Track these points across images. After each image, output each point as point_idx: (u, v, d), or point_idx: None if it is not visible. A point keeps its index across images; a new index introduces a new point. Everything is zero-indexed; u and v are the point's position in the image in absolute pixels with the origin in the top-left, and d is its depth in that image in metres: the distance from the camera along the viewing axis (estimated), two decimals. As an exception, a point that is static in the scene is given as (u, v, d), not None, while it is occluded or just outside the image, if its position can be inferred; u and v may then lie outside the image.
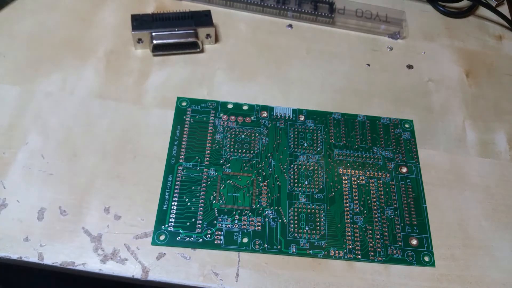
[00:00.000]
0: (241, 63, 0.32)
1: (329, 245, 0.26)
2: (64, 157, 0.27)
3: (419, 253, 0.26)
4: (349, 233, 0.26)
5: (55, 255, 0.24)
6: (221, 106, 0.30)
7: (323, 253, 0.25)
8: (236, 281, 0.24)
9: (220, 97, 0.30)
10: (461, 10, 0.38)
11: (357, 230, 0.26)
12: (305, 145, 0.29)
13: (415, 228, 0.27)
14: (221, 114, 0.30)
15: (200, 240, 0.25)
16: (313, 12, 0.35)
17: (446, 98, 0.33)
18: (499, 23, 0.38)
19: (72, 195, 0.26)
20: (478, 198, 0.28)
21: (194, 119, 0.29)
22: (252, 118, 0.30)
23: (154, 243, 0.25)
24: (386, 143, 0.30)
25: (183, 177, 0.27)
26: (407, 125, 0.30)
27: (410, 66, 0.34)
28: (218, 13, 0.35)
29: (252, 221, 0.26)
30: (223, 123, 0.29)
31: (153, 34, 0.31)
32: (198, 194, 0.26)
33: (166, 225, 0.25)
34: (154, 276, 0.24)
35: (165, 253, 0.25)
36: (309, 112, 0.30)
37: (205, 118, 0.29)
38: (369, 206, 0.27)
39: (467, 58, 0.35)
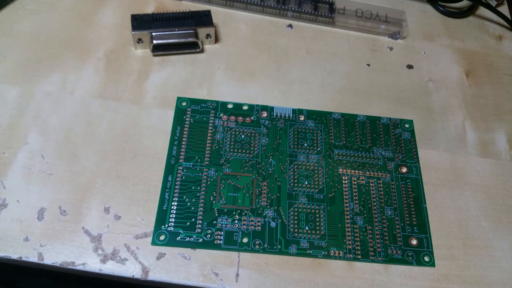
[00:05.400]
0: (241, 63, 0.32)
1: (329, 245, 0.26)
2: (64, 157, 0.27)
3: (419, 253, 0.26)
4: (349, 233, 0.26)
5: (55, 255, 0.24)
6: (221, 106, 0.30)
7: (323, 253, 0.25)
8: (236, 281, 0.24)
9: (220, 97, 0.30)
10: (461, 10, 0.38)
11: (357, 230, 0.26)
12: (305, 145, 0.29)
13: (415, 228, 0.27)
14: (221, 114, 0.30)
15: (200, 240, 0.25)
16: (313, 12, 0.35)
17: (446, 98, 0.33)
18: (499, 23, 0.38)
19: (72, 195, 0.26)
20: (478, 198, 0.28)
21: (194, 119, 0.29)
22: (252, 118, 0.30)
23: (154, 243, 0.25)
24: (386, 143, 0.30)
25: (183, 177, 0.27)
26: (407, 125, 0.30)
27: (410, 66, 0.34)
28: (218, 13, 0.35)
29: (252, 221, 0.26)
30: (223, 123, 0.29)
31: (153, 34, 0.31)
32: (198, 194, 0.26)
33: (166, 225, 0.25)
34: (154, 276, 0.24)
35: (165, 253, 0.25)
36: (309, 112, 0.30)
37: (205, 118, 0.29)
38: (369, 206, 0.27)
39: (467, 58, 0.35)
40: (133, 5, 0.34)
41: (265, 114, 0.30)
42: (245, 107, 0.30)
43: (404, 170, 0.29)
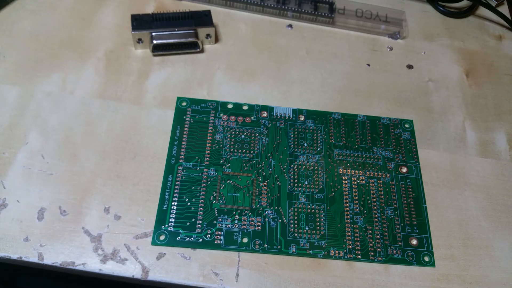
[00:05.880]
0: (241, 63, 0.32)
1: (329, 245, 0.26)
2: (64, 157, 0.27)
3: (419, 253, 0.26)
4: (349, 233, 0.26)
5: (55, 255, 0.24)
6: (221, 106, 0.30)
7: (323, 253, 0.25)
8: (236, 281, 0.24)
9: (220, 97, 0.30)
10: (461, 10, 0.38)
11: (357, 230, 0.26)
12: (305, 145, 0.29)
13: (415, 228, 0.27)
14: (221, 114, 0.30)
15: (200, 240, 0.25)
16: (313, 12, 0.35)
17: (446, 98, 0.33)
18: (499, 23, 0.38)
19: (72, 195, 0.26)
20: (478, 198, 0.28)
21: (194, 119, 0.29)
22: (252, 118, 0.30)
23: (154, 243, 0.25)
24: (386, 143, 0.30)
25: (183, 177, 0.27)
26: (407, 125, 0.30)
27: (410, 66, 0.34)
28: (218, 13, 0.35)
29: (252, 221, 0.26)
30: (223, 123, 0.29)
31: (153, 34, 0.31)
32: (198, 194, 0.26)
33: (166, 225, 0.25)
34: (154, 276, 0.24)
35: (165, 253, 0.25)
36: (309, 112, 0.30)
37: (205, 118, 0.29)
38: (369, 206, 0.27)
39: (467, 58, 0.35)
40: (133, 5, 0.34)
41: (265, 114, 0.30)
42: (245, 107, 0.30)
43: (404, 170, 0.29)
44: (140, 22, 0.31)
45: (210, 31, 0.32)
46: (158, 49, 0.31)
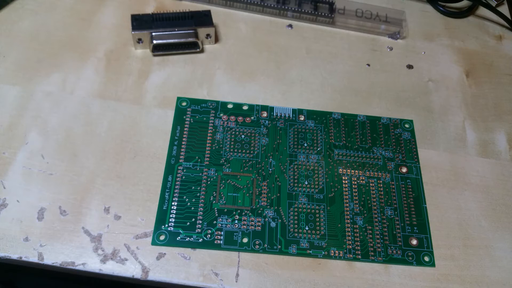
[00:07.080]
0: (241, 63, 0.32)
1: (329, 245, 0.26)
2: (64, 157, 0.27)
3: (419, 253, 0.26)
4: (349, 233, 0.26)
5: (55, 255, 0.24)
6: (221, 106, 0.30)
7: (323, 253, 0.25)
8: (236, 281, 0.24)
9: (220, 97, 0.30)
10: (461, 10, 0.38)
11: (357, 230, 0.26)
12: (305, 145, 0.29)
13: (415, 228, 0.27)
14: (221, 114, 0.30)
15: (200, 240, 0.25)
16: (313, 12, 0.35)
17: (446, 98, 0.33)
18: (499, 23, 0.38)
19: (72, 195, 0.26)
20: (478, 198, 0.28)
21: (194, 119, 0.29)
22: (252, 118, 0.30)
23: (154, 243, 0.25)
24: (386, 143, 0.30)
25: (183, 177, 0.27)
26: (407, 125, 0.30)
27: (410, 66, 0.34)
28: (218, 13, 0.35)
29: (252, 221, 0.26)
30: (223, 123, 0.29)
31: (153, 34, 0.31)
32: (198, 194, 0.26)
33: (166, 225, 0.25)
34: (154, 276, 0.24)
35: (165, 253, 0.25)
36: (309, 112, 0.30)
37: (205, 118, 0.29)
38: (369, 206, 0.27)
39: (467, 58, 0.35)
40: (133, 5, 0.34)
41: (265, 114, 0.30)
42: (245, 107, 0.30)
43: (404, 170, 0.29)
44: (140, 22, 0.31)
45: (210, 31, 0.32)
46: (158, 49, 0.31)
